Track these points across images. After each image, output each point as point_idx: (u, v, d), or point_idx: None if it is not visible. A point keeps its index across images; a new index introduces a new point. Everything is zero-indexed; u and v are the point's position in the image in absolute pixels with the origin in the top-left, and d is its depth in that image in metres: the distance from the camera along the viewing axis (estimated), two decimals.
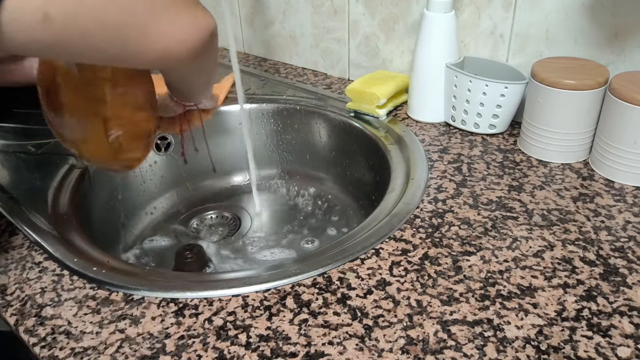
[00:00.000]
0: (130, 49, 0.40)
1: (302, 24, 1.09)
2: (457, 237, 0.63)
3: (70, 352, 0.50)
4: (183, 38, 0.42)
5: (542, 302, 0.53)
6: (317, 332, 0.51)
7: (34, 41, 0.35)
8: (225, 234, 0.91)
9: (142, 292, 0.57)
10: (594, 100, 0.72)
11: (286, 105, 0.98)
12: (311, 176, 1.01)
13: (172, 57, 0.42)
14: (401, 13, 0.94)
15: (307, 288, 0.56)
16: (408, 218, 0.66)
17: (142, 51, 0.40)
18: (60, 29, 0.36)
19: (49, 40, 0.36)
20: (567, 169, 0.75)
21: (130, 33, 0.39)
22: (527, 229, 0.64)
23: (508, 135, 0.84)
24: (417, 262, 0.59)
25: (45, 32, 0.35)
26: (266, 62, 1.18)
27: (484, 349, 0.49)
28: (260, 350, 0.49)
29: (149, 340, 0.51)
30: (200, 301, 0.55)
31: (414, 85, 0.88)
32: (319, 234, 0.90)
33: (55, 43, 0.36)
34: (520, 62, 0.84)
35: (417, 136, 0.85)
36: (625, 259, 0.59)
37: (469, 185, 0.72)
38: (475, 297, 0.54)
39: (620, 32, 0.75)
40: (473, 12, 0.86)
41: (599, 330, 0.50)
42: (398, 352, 0.49)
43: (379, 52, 1.01)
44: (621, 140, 0.70)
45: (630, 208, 0.67)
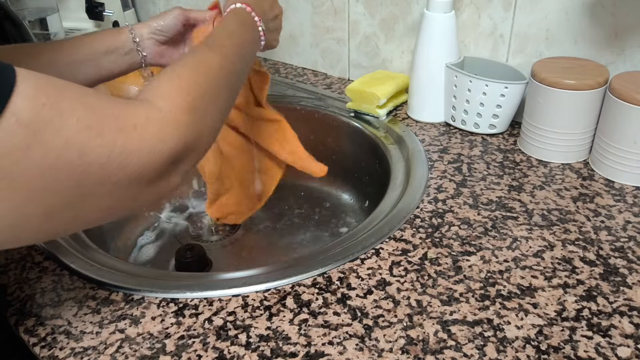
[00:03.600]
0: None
1: (302, 23, 1.09)
2: (457, 237, 0.63)
3: (70, 352, 0.50)
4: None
5: (542, 302, 0.53)
6: (317, 332, 0.51)
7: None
8: (225, 234, 0.91)
9: (142, 292, 0.57)
10: (594, 100, 0.72)
11: (286, 105, 0.98)
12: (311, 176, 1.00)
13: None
14: (401, 13, 0.94)
15: (307, 288, 0.56)
16: (408, 218, 0.66)
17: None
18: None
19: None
20: (567, 169, 0.75)
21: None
22: (527, 229, 0.64)
23: (508, 135, 0.84)
24: (417, 262, 0.59)
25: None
26: (266, 62, 1.18)
27: (484, 349, 0.49)
28: (260, 350, 0.49)
29: (149, 340, 0.51)
30: (200, 301, 0.55)
31: (414, 85, 0.88)
32: (319, 234, 0.90)
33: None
34: (520, 62, 0.84)
35: (417, 136, 0.85)
36: (625, 259, 0.59)
37: (469, 185, 0.72)
38: (475, 297, 0.54)
39: (620, 32, 0.75)
40: (473, 12, 0.86)
41: (599, 330, 0.50)
42: (398, 352, 0.49)
43: (379, 52, 1.01)
44: (621, 140, 0.70)
45: (630, 208, 0.67)
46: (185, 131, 0.42)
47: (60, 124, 0.35)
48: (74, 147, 0.36)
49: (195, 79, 0.46)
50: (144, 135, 0.39)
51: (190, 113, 0.43)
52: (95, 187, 0.38)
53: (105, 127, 0.37)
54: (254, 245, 0.89)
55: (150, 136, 0.40)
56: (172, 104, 0.42)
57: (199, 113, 0.45)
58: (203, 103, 0.45)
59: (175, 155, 0.42)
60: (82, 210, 0.39)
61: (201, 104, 0.45)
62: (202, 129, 0.45)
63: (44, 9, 1.08)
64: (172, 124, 0.42)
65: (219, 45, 0.53)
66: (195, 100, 0.45)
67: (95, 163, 0.37)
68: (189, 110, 0.43)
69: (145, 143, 0.39)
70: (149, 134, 0.40)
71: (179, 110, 0.42)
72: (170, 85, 0.44)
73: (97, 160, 0.37)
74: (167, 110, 0.42)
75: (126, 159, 0.38)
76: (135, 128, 0.39)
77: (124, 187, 0.39)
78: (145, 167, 0.40)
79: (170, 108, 0.42)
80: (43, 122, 0.34)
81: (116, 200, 0.40)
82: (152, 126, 0.40)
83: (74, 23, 1.29)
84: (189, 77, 0.46)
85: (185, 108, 0.43)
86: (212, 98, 0.47)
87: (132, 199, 0.42)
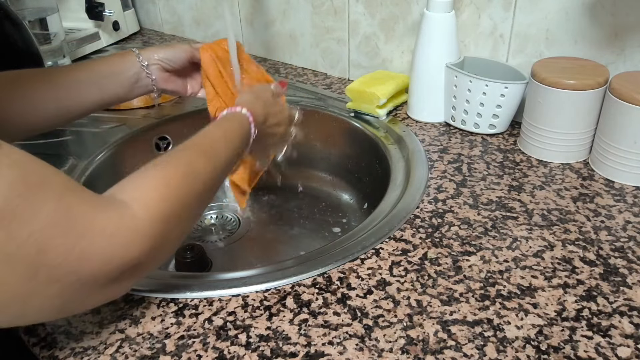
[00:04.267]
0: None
1: (302, 23, 1.09)
2: (457, 237, 0.63)
3: (70, 352, 0.50)
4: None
5: (542, 302, 0.53)
6: (317, 332, 0.51)
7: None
8: (225, 234, 0.91)
9: (142, 292, 0.57)
10: (594, 100, 0.72)
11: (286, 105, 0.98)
12: (311, 176, 1.01)
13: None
14: (401, 13, 0.94)
15: (307, 288, 0.56)
16: (408, 218, 0.66)
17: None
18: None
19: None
20: (567, 169, 0.75)
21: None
22: (527, 229, 0.64)
23: (508, 135, 0.84)
24: (417, 262, 0.59)
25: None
26: (266, 62, 1.18)
27: (484, 349, 0.49)
28: (260, 350, 0.49)
29: (149, 340, 0.51)
30: (200, 301, 0.55)
31: (414, 85, 0.88)
32: (319, 234, 0.90)
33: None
34: (520, 62, 0.84)
35: (417, 136, 0.85)
36: (625, 259, 0.59)
37: (469, 185, 0.72)
38: (475, 297, 0.54)
39: (620, 32, 0.75)
40: (473, 12, 0.86)
41: (599, 330, 0.50)
42: (398, 352, 0.49)
43: (379, 52, 1.01)
44: (621, 140, 0.70)
45: (630, 208, 0.67)
46: (153, 243, 0.42)
47: (29, 217, 0.35)
48: (35, 242, 0.35)
49: (179, 190, 0.45)
50: (111, 241, 0.39)
51: (163, 224, 0.43)
52: (45, 287, 0.37)
53: (72, 228, 0.37)
54: (254, 246, 0.89)
55: (117, 244, 0.39)
56: (148, 214, 0.42)
57: (171, 225, 0.44)
58: (178, 216, 0.45)
59: (136, 263, 0.41)
60: (29, 307, 0.38)
61: (176, 217, 0.44)
62: (168, 240, 0.45)
63: (44, 9, 1.08)
64: (142, 235, 0.41)
65: (215, 155, 0.52)
66: (172, 212, 0.44)
67: (51, 262, 0.36)
68: (162, 221, 0.42)
69: (107, 249, 0.39)
70: (116, 242, 0.39)
71: (153, 220, 0.42)
72: (155, 192, 0.43)
73: (54, 260, 0.36)
74: (141, 218, 0.41)
75: (82, 264, 0.38)
76: (103, 233, 0.39)
77: (75, 289, 0.39)
78: (100, 273, 0.39)
79: (145, 217, 0.41)
80: (13, 212, 0.34)
81: (64, 302, 0.39)
82: (121, 235, 0.40)
83: (74, 23, 1.29)
84: (177, 182, 0.45)
85: (160, 219, 0.42)
86: (189, 210, 0.47)
87: (80, 303, 0.41)
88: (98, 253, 0.38)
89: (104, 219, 0.39)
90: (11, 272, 0.35)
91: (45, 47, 1.07)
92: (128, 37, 1.39)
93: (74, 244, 0.37)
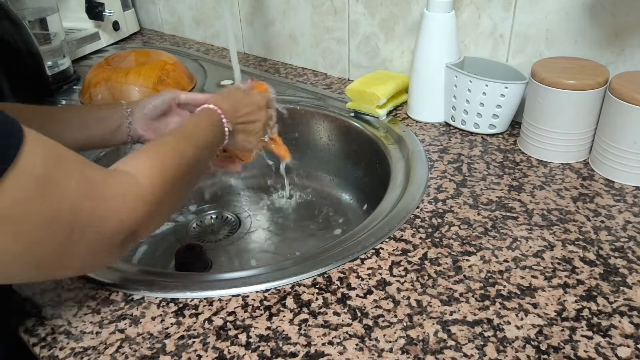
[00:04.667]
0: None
1: (302, 23, 1.09)
2: (457, 237, 0.63)
3: (70, 352, 0.50)
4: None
5: (542, 302, 0.53)
6: (317, 332, 0.51)
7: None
8: (225, 234, 0.91)
9: (142, 292, 0.57)
10: (594, 100, 0.72)
11: (286, 105, 0.98)
12: (311, 176, 1.01)
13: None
14: (401, 13, 0.94)
15: (307, 288, 0.56)
16: (408, 218, 0.66)
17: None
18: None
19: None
20: (567, 169, 0.75)
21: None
22: (527, 229, 0.64)
23: (508, 135, 0.84)
24: (417, 262, 0.59)
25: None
26: (266, 62, 1.18)
27: (484, 349, 0.49)
28: (260, 350, 0.49)
29: (149, 340, 0.51)
30: (200, 301, 0.55)
31: (414, 85, 0.88)
32: (319, 234, 0.90)
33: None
34: (520, 62, 0.84)
35: (417, 136, 0.85)
36: (625, 259, 0.59)
37: (469, 185, 0.72)
38: (475, 297, 0.54)
39: (620, 32, 0.75)
40: (473, 12, 0.86)
41: (599, 330, 0.50)
42: (398, 352, 0.49)
43: (379, 52, 1.01)
44: (621, 140, 0.70)
45: (630, 208, 0.67)
46: (151, 208, 0.48)
47: (64, 184, 0.41)
48: (69, 205, 0.41)
49: (172, 162, 0.52)
50: (123, 204, 0.45)
51: (161, 192, 0.49)
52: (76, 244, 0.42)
53: (95, 192, 0.43)
54: (254, 245, 0.89)
55: (125, 209, 0.45)
56: (149, 181, 0.48)
57: (167, 194, 0.50)
58: (172, 185, 0.51)
59: (139, 227, 0.47)
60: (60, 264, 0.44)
61: (170, 187, 0.51)
62: (163, 208, 0.50)
63: (44, 9, 1.08)
64: (145, 201, 0.47)
65: (195, 139, 0.59)
66: (167, 182, 0.50)
67: (82, 222, 0.42)
68: (160, 189, 0.49)
69: (121, 211, 0.45)
70: (124, 207, 0.45)
71: (153, 187, 0.48)
72: (153, 164, 0.50)
73: (84, 220, 0.42)
74: (144, 185, 0.48)
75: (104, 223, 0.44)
76: (117, 197, 0.45)
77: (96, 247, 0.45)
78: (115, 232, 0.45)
79: (147, 185, 0.48)
80: (52, 179, 0.40)
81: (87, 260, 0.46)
82: (127, 202, 0.46)
83: (74, 23, 1.29)
84: (169, 159, 0.52)
85: (159, 187, 0.49)
86: (180, 183, 0.53)
87: (93, 262, 0.48)
88: (115, 214, 0.44)
89: (117, 185, 0.46)
90: (54, 233, 0.41)
91: (45, 47, 1.07)
92: (128, 37, 1.39)
93: (97, 206, 0.43)
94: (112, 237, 0.45)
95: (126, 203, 0.46)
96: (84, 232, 0.43)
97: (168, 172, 0.51)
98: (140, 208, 0.47)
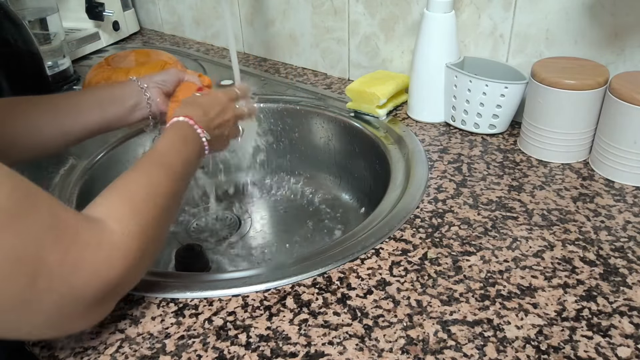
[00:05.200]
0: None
1: (302, 23, 1.09)
2: (457, 237, 0.63)
3: (70, 352, 0.50)
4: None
5: (542, 302, 0.53)
6: (317, 332, 0.51)
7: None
8: (225, 234, 0.91)
9: (142, 292, 0.57)
10: (594, 100, 0.72)
11: (286, 105, 0.98)
12: (311, 176, 1.01)
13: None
14: (401, 13, 0.94)
15: (307, 288, 0.56)
16: (408, 218, 0.66)
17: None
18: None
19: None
20: (567, 169, 0.75)
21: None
22: (527, 229, 0.64)
23: (508, 135, 0.84)
24: (417, 262, 0.59)
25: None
26: (266, 62, 1.18)
27: (484, 349, 0.49)
28: (260, 350, 0.49)
29: (149, 340, 0.51)
30: (200, 301, 0.55)
31: (414, 85, 0.88)
32: (319, 234, 0.90)
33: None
34: (520, 62, 0.84)
35: (417, 136, 0.85)
36: (625, 259, 0.59)
37: (469, 185, 0.72)
38: (475, 297, 0.54)
39: (620, 32, 0.75)
40: (473, 12, 0.86)
41: (599, 330, 0.50)
42: (398, 352, 0.49)
43: (379, 52, 1.01)
44: (621, 140, 0.70)
45: (630, 208, 0.67)
46: (133, 258, 0.44)
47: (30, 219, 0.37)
48: (35, 244, 0.37)
49: (144, 203, 0.48)
50: (96, 254, 0.41)
51: (140, 238, 0.45)
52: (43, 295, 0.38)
53: (64, 235, 0.39)
54: (254, 245, 0.89)
55: (100, 259, 0.42)
56: (125, 229, 0.44)
57: (147, 238, 0.47)
58: (152, 228, 0.48)
59: (119, 281, 0.44)
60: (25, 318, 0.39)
61: (150, 229, 0.47)
62: (145, 255, 0.47)
63: (44, 9, 1.08)
64: (122, 251, 0.43)
65: (169, 165, 0.55)
66: (144, 224, 0.47)
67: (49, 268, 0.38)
68: (139, 236, 0.45)
69: (94, 262, 0.41)
70: (99, 257, 0.41)
71: (130, 235, 0.44)
72: (124, 207, 0.46)
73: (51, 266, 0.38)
74: (119, 233, 0.44)
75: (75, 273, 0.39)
76: (89, 245, 0.41)
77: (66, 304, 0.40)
78: (90, 287, 0.41)
79: (123, 232, 0.44)
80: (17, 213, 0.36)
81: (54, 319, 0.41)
82: (102, 250, 0.42)
83: (74, 23, 1.29)
84: (140, 198, 0.48)
85: (136, 233, 0.45)
86: (160, 221, 0.50)
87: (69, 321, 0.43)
88: (87, 264, 0.40)
89: (88, 232, 0.42)
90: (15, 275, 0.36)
91: (45, 47, 1.07)
92: (128, 37, 1.39)
93: (67, 251, 0.39)
94: (84, 292, 0.41)
95: (101, 252, 0.42)
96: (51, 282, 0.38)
97: (142, 212, 0.47)
98: (117, 258, 0.43)
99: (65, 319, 0.42)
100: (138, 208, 0.47)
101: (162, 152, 0.56)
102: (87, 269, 0.40)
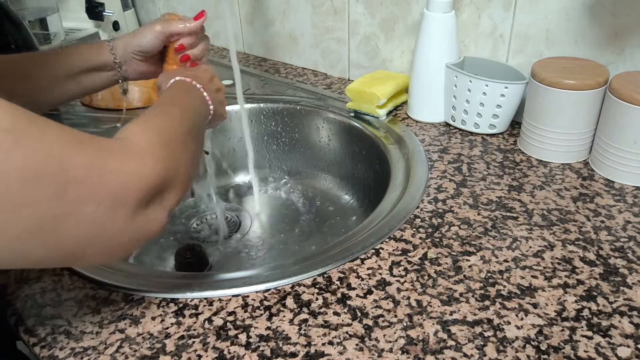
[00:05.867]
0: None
1: (302, 23, 1.09)
2: (457, 237, 0.63)
3: (70, 352, 0.50)
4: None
5: (542, 302, 0.53)
6: (317, 332, 0.51)
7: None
8: (225, 234, 0.91)
9: (142, 292, 0.57)
10: (594, 100, 0.72)
11: (286, 105, 0.98)
12: (311, 176, 1.01)
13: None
14: (401, 13, 0.94)
15: (307, 288, 0.56)
16: (408, 218, 0.66)
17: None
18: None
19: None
20: (567, 169, 0.75)
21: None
22: (527, 229, 0.64)
23: (508, 135, 0.84)
24: (417, 262, 0.59)
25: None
26: (266, 62, 1.18)
27: (484, 349, 0.49)
28: (260, 350, 0.49)
29: (149, 340, 0.51)
30: (200, 301, 0.55)
31: (414, 85, 0.88)
32: (319, 234, 0.90)
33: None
34: (520, 62, 0.84)
35: (417, 136, 0.85)
36: (625, 259, 0.59)
37: (469, 185, 0.72)
38: (475, 297, 0.54)
39: (620, 32, 0.75)
40: (473, 12, 0.86)
41: (599, 330, 0.50)
42: (398, 352, 0.49)
43: (379, 52, 1.01)
44: (621, 140, 0.70)
45: (630, 208, 0.67)
46: (163, 164, 0.44)
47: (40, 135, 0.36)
48: (54, 157, 0.36)
49: (163, 125, 0.48)
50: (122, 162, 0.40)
51: (166, 148, 0.45)
52: (76, 205, 0.37)
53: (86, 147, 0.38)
54: (254, 245, 0.89)
55: (130, 163, 0.41)
56: (149, 142, 0.44)
57: (172, 150, 0.46)
58: (174, 144, 0.47)
59: (156, 184, 0.42)
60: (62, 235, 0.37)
61: (173, 145, 0.47)
62: (177, 165, 0.46)
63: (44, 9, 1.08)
64: (151, 157, 0.43)
65: (177, 101, 0.55)
66: (169, 140, 0.47)
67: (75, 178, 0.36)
68: (164, 146, 0.45)
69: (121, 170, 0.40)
70: (128, 161, 0.41)
71: (155, 145, 0.44)
72: (144, 129, 0.46)
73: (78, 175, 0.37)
74: (145, 145, 0.43)
75: (103, 181, 0.38)
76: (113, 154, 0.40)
77: (107, 210, 0.39)
78: (127, 188, 0.40)
79: (148, 144, 0.44)
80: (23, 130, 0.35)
81: (98, 229, 0.39)
82: (131, 158, 0.41)
83: (74, 23, 1.29)
84: (159, 123, 0.49)
85: (161, 143, 0.45)
86: (181, 144, 0.49)
87: (116, 231, 0.40)
88: (114, 172, 0.39)
89: (111, 142, 0.41)
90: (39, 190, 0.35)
91: (45, 47, 1.07)
92: None
93: (91, 161, 0.38)
94: (123, 197, 0.39)
95: (130, 156, 0.41)
96: (83, 190, 0.37)
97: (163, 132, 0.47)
98: (148, 163, 0.42)
99: (109, 232, 0.40)
100: (157, 129, 0.47)
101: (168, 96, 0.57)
102: (116, 176, 0.39)
